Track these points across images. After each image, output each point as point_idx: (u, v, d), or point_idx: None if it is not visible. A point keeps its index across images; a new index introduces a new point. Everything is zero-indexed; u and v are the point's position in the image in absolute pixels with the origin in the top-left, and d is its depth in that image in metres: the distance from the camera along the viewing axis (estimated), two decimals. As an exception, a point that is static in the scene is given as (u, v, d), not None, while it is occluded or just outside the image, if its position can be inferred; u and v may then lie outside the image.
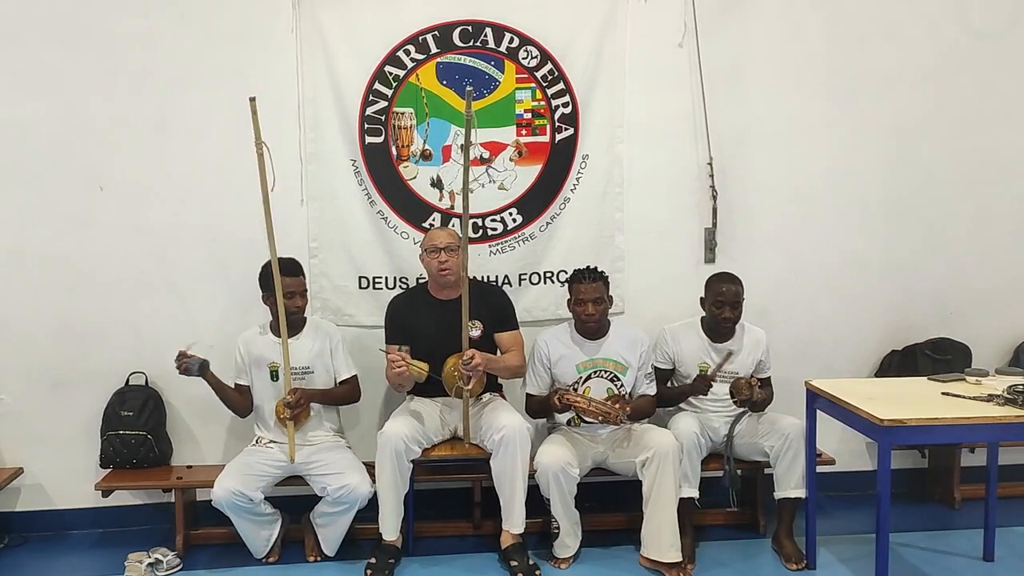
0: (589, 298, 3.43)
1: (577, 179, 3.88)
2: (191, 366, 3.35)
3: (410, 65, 3.74)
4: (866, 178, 4.04)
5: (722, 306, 3.51)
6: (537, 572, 3.28)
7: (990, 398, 2.94)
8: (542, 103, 3.82)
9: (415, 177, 3.81)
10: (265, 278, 3.40)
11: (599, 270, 3.51)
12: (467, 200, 3.32)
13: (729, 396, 3.48)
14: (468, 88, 3.32)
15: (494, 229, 3.87)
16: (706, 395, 3.54)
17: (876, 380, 3.93)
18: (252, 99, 3.18)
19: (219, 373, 3.47)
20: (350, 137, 3.76)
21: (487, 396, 3.60)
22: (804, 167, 4.00)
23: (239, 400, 3.52)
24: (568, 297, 3.55)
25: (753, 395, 3.39)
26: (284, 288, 3.32)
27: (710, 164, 3.91)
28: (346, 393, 3.58)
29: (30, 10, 3.59)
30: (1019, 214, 4.15)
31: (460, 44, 3.75)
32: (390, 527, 3.35)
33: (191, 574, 3.41)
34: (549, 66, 3.80)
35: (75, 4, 3.60)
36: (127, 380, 3.73)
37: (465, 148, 3.29)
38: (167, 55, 3.66)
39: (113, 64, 3.64)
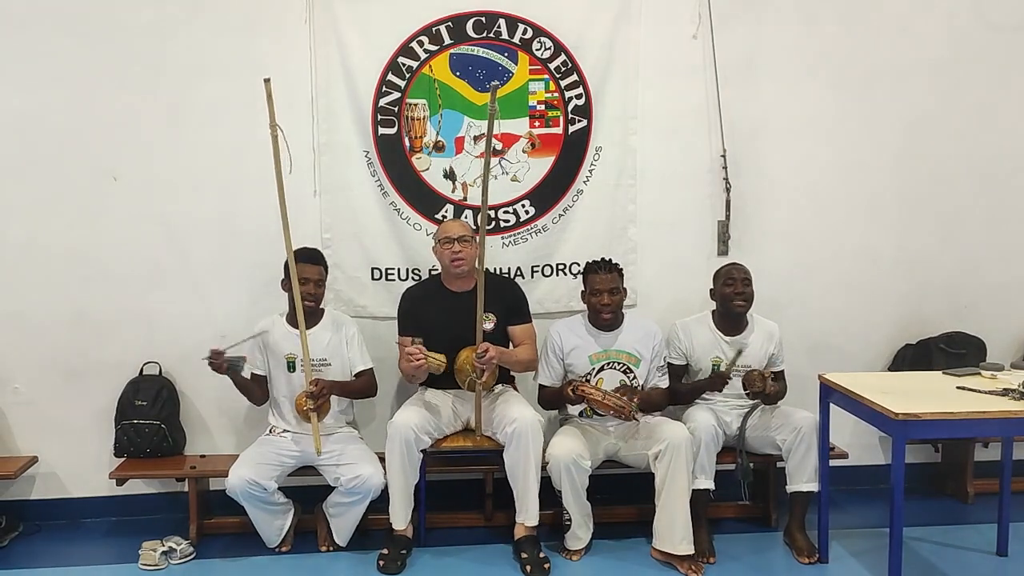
0: (605, 288, 3.44)
1: (590, 171, 3.87)
2: (234, 364, 3.32)
3: (423, 56, 3.74)
4: (880, 171, 4.02)
5: (734, 282, 3.52)
6: (547, 565, 3.28)
7: (1005, 392, 2.93)
8: (555, 95, 3.81)
9: (428, 168, 3.81)
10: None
11: (613, 262, 3.51)
12: (486, 193, 3.30)
13: (742, 388, 3.48)
14: (494, 83, 3.29)
15: (507, 221, 3.87)
16: (722, 392, 3.54)
17: (890, 374, 3.91)
18: (267, 80, 3.15)
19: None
20: (363, 128, 3.76)
21: (499, 388, 3.60)
22: (818, 160, 3.98)
23: (257, 391, 3.52)
24: (582, 289, 3.55)
25: (766, 387, 3.38)
26: (300, 274, 3.31)
27: (723, 156, 3.89)
28: (363, 386, 3.57)
29: (42, 0, 3.58)
30: (1033, 207, 4.13)
31: (474, 35, 3.74)
32: (400, 516, 3.36)
33: (204, 562, 3.43)
34: (563, 57, 3.79)
35: (88, -6, 3.61)
36: (141, 370, 3.75)
37: (487, 141, 3.25)
38: (180, 45, 3.66)
39: (126, 54, 3.64)
